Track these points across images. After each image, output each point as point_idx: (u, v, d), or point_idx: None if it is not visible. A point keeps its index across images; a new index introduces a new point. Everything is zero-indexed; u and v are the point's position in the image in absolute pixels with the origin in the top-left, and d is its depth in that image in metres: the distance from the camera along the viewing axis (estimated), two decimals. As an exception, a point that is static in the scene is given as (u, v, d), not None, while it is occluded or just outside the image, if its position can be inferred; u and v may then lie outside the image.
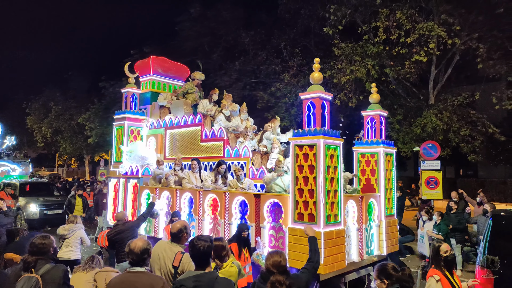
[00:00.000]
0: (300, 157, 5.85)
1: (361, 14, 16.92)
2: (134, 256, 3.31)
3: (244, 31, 23.60)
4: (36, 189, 16.05)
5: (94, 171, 44.09)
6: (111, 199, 10.18)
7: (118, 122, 10.26)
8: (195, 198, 7.63)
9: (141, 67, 10.79)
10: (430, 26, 14.48)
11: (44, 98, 35.97)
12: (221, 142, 8.27)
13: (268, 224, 6.33)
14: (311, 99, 5.94)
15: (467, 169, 29.97)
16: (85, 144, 33.52)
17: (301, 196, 5.79)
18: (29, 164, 21.70)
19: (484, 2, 14.29)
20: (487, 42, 15.10)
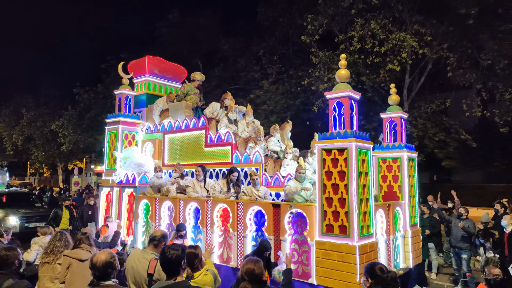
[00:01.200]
0: (328, 162, 5.29)
1: (337, 24, 17.30)
2: (96, 271, 3.09)
3: (224, 38, 23.58)
4: (15, 200, 14.87)
5: (67, 180, 42.35)
6: (102, 210, 9.34)
7: (111, 126, 9.47)
8: (203, 208, 6.95)
9: (136, 67, 10.06)
10: (402, 37, 14.90)
11: (14, 104, 34.43)
12: (229, 147, 7.63)
13: (289, 237, 5.73)
14: (339, 99, 5.41)
15: (442, 174, 30.45)
16: (58, 151, 32.32)
17: (330, 205, 5.22)
18: (6, 173, 20.36)
19: (454, 14, 14.81)
20: (458, 51, 15.72)
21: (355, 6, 15.78)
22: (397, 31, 15.45)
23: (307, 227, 5.54)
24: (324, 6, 16.55)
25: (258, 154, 7.13)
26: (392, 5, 15.66)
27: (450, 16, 15.10)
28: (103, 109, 25.96)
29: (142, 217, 8.23)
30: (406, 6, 15.67)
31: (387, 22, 15.63)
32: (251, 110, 8.45)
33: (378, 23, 15.47)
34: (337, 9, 16.46)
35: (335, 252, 5.05)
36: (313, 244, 5.37)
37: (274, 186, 6.79)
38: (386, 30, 15.57)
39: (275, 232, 5.92)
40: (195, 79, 9.51)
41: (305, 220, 5.56)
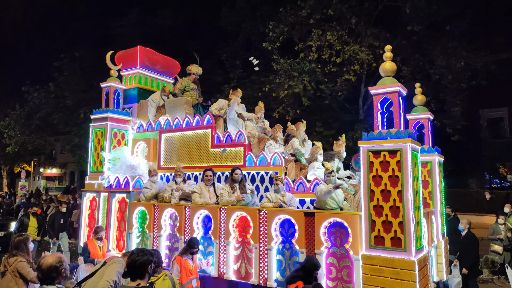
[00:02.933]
0: (376, 165, 4.68)
1: (297, 32, 17.56)
2: (40, 273, 3.02)
3: (188, 39, 23.34)
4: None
5: (12, 184, 39.24)
6: (85, 219, 8.20)
7: (97, 123, 8.37)
8: (215, 217, 6.11)
9: (125, 58, 9.02)
10: (356, 49, 15.56)
11: None
12: (241, 148, 6.84)
13: (326, 250, 5.05)
14: (386, 94, 4.85)
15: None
16: (3, 153, 30.22)
17: (379, 215, 4.60)
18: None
19: (406, 29, 15.59)
20: (410, 64, 16.43)
21: (313, 16, 16.28)
22: (353, 43, 15.96)
23: (349, 239, 4.89)
24: (285, 14, 17.01)
25: (277, 156, 6.40)
26: (349, 17, 16.24)
27: (402, 31, 15.90)
28: (54, 109, 24.34)
29: (137, 227, 7.23)
30: (362, 19, 16.33)
31: (344, 34, 16.23)
32: (262, 107, 7.71)
33: (335, 34, 16.02)
34: (297, 18, 16.88)
35: (388, 268, 4.44)
36: (359, 258, 4.72)
37: (297, 192, 6.10)
38: (342, 41, 16.04)
39: (308, 245, 5.22)
40: (191, 73, 8.63)
41: (346, 231, 4.91)
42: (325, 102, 18.61)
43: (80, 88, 22.61)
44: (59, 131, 27.01)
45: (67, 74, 23.58)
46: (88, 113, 22.72)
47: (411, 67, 16.35)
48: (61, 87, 23.74)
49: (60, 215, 10.53)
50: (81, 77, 22.88)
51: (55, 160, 43.81)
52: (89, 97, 21.97)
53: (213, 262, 6.10)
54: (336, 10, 15.91)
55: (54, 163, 43.83)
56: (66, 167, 42.75)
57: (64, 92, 23.47)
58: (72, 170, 40.50)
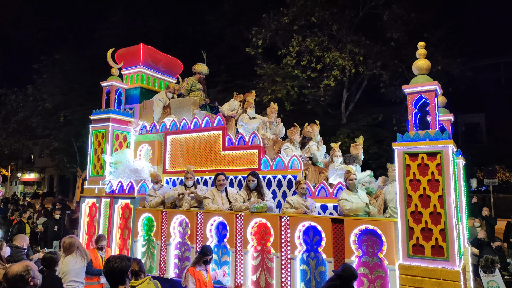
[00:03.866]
0: (414, 169, 4.39)
1: (280, 38, 17.67)
2: (5, 282, 2.82)
3: (172, 43, 22.57)
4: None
5: None
6: (84, 227, 7.69)
7: (97, 124, 7.89)
8: (231, 224, 5.72)
9: (127, 56, 8.56)
10: (336, 56, 15.88)
11: None
12: (255, 151, 6.47)
13: (356, 259, 4.72)
14: (421, 93, 4.57)
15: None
16: None
17: (417, 221, 4.31)
18: None
19: (385, 36, 15.96)
20: (390, 70, 16.81)
21: (297, 22, 16.43)
22: (334, 49, 16.40)
23: (383, 247, 4.58)
24: (268, 20, 17.17)
25: (295, 159, 6.06)
26: (330, 24, 16.49)
27: (381, 37, 16.26)
28: (33, 112, 23.53)
29: (142, 235, 6.77)
30: (343, 26, 16.62)
31: (325, 40, 16.48)
32: (275, 108, 7.37)
33: (315, 41, 16.32)
34: (280, 24, 17.03)
35: (429, 279, 4.14)
36: (395, 268, 4.41)
37: (319, 197, 5.76)
38: (323, 47, 16.40)
39: (336, 254, 4.89)
40: (196, 72, 8.23)
41: (380, 238, 4.60)
42: (308, 107, 18.77)
43: (60, 91, 21.88)
44: (37, 134, 26.10)
45: (47, 77, 22.81)
46: (69, 116, 22.03)
47: (390, 72, 16.74)
48: (40, 90, 22.98)
49: (53, 222, 9.95)
50: (61, 80, 22.12)
51: (33, 165, 42.37)
52: (69, 100, 21.28)
53: (229, 272, 5.70)
54: (319, 17, 16.18)
55: (32, 167, 42.41)
56: (44, 172, 41.37)
57: (43, 95, 22.71)
58: (51, 175, 39.22)
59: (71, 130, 21.62)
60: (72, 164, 24.06)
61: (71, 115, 21.38)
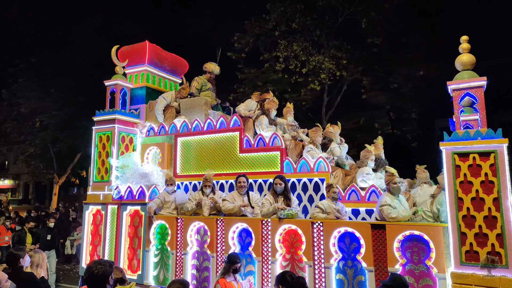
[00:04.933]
0: (464, 170, 4.12)
1: (263, 43, 17.74)
2: None
3: None
4: None
5: None
6: (88, 236, 7.15)
7: (101, 126, 7.39)
8: (257, 230, 5.34)
9: (132, 54, 8.09)
10: (321, 59, 16.01)
11: None
12: (277, 153, 6.11)
13: (400, 268, 4.41)
14: (468, 90, 4.32)
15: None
16: None
17: (470, 226, 4.03)
18: None
19: (366, 41, 16.19)
20: (370, 75, 17.01)
21: (278, 28, 16.59)
22: (316, 54, 16.46)
23: (430, 254, 4.28)
24: (250, 26, 17.22)
25: (322, 161, 5.73)
26: (311, 30, 16.64)
27: (362, 43, 16.45)
28: (7, 117, 22.56)
29: (155, 244, 6.31)
30: (324, 32, 16.82)
31: (308, 45, 16.52)
32: (292, 109, 7.05)
33: (300, 46, 16.45)
34: (262, 30, 17.11)
35: (486, 288, 3.85)
36: (445, 277, 4.12)
37: (349, 201, 5.44)
38: (307, 52, 16.45)
39: (377, 262, 4.56)
40: (207, 71, 7.84)
41: (427, 245, 4.31)
42: None
43: (36, 96, 21.02)
44: (12, 140, 24.93)
45: (22, 81, 21.90)
46: (45, 121, 21.19)
47: (371, 77, 16.96)
48: (15, 94, 22.02)
49: (46, 231, 9.30)
50: (37, 84, 21.27)
51: (7, 171, 40.69)
52: (45, 104, 20.49)
53: (254, 282, 5.31)
54: (300, 23, 16.34)
55: (7, 174, 40.74)
56: (19, 179, 39.78)
57: (19, 99, 21.79)
58: (26, 181, 37.75)
59: (48, 136, 20.79)
60: (48, 171, 23.15)
61: (48, 120, 20.62)
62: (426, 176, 5.49)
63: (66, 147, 20.91)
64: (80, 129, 19.86)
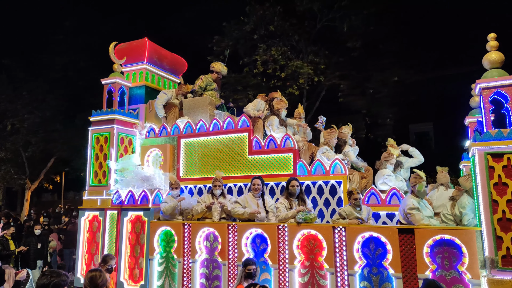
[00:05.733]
0: (499, 171, 3.97)
1: (242, 47, 17.71)
2: None
3: None
4: None
5: None
6: (83, 244, 6.70)
7: (98, 126, 6.96)
8: (273, 236, 5.06)
9: (130, 51, 7.69)
10: (300, 64, 16.11)
11: None
12: (290, 154, 5.85)
13: (430, 274, 4.21)
14: (499, 88, 4.18)
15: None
16: None
17: (506, 230, 3.87)
18: None
19: (344, 46, 16.40)
20: (348, 80, 17.18)
21: (257, 32, 16.52)
22: (295, 59, 16.52)
23: (463, 259, 4.10)
24: (230, 29, 17.17)
25: (338, 163, 5.50)
26: (290, 34, 16.70)
27: (340, 48, 16.64)
28: None
29: (159, 252, 5.92)
30: (303, 37, 16.92)
31: (286, 50, 16.57)
32: (302, 111, 6.83)
33: (278, 50, 16.44)
34: (242, 33, 17.03)
35: (525, 294, 3.69)
36: (480, 283, 3.95)
37: (368, 204, 5.21)
38: (286, 57, 16.51)
39: (405, 268, 4.35)
40: (214, 71, 7.55)
41: (459, 250, 4.13)
42: None
43: (6, 98, 20.13)
44: None
45: None
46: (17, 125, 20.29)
47: (348, 82, 17.14)
48: None
49: (36, 239, 8.72)
50: (7, 87, 20.38)
51: None
52: (16, 107, 19.64)
53: (270, 291, 5.02)
54: (278, 26, 16.31)
55: None
56: None
57: None
58: None
59: (19, 139, 19.88)
60: (20, 176, 22.11)
61: (19, 124, 19.75)
62: (447, 178, 5.35)
63: (39, 151, 19.97)
64: (54, 133, 19.11)
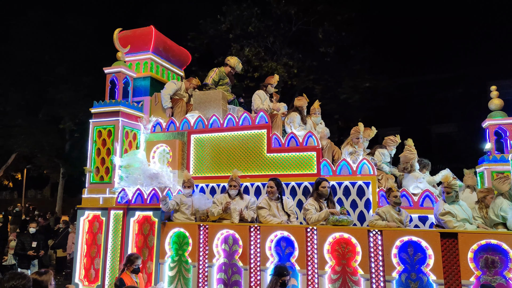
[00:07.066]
0: (549, 174, 3.84)
1: (217, 46, 17.64)
2: None
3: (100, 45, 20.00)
4: None
5: None
6: (82, 246, 6.16)
7: (101, 119, 6.43)
8: (300, 239, 4.76)
9: (134, 39, 7.18)
10: (274, 66, 16.16)
11: None
12: (313, 153, 5.57)
13: (475, 280, 4.04)
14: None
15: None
16: None
17: (558, 234, 3.74)
18: None
19: (318, 51, 16.68)
20: (320, 84, 17.47)
21: (233, 31, 16.45)
22: (269, 60, 16.52)
23: (510, 265, 3.94)
24: (205, 27, 17.03)
25: (366, 163, 5.27)
26: (266, 36, 16.72)
27: (314, 52, 16.85)
28: None
29: (171, 255, 5.49)
30: (278, 39, 16.98)
31: (261, 51, 16.53)
32: (319, 108, 6.56)
33: (253, 51, 16.35)
34: (217, 32, 16.98)
35: None
36: (531, 290, 3.80)
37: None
38: (260, 58, 16.46)
39: (447, 274, 4.16)
40: (229, 65, 7.16)
41: (505, 255, 3.97)
42: None
43: None
44: None
45: None
46: None
47: (321, 86, 17.29)
48: None
49: (31, 238, 7.99)
50: None
51: None
52: None
53: (294, 298, 4.71)
54: (255, 27, 16.25)
55: None
56: None
57: None
58: None
59: None
60: None
61: None
62: (474, 181, 5.23)
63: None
64: (15, 128, 18.13)
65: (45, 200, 28.78)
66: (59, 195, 21.61)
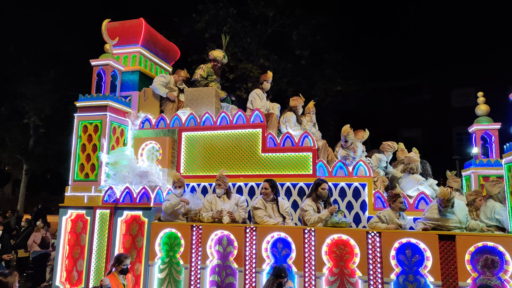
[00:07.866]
0: (544, 178, 3.96)
1: (192, 45, 17.54)
2: None
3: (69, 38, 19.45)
4: None
5: None
6: (64, 246, 5.84)
7: (87, 113, 6.12)
8: (298, 241, 4.70)
9: (123, 31, 6.88)
10: (250, 67, 16.27)
11: None
12: (309, 153, 5.52)
13: (471, 282, 4.11)
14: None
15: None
16: None
17: (552, 237, 3.86)
18: None
19: (292, 53, 16.91)
20: (294, 86, 17.67)
21: (208, 31, 16.37)
22: (245, 61, 16.59)
23: (505, 267, 4.04)
24: (180, 25, 16.93)
25: (362, 164, 5.28)
26: (242, 36, 16.79)
27: (288, 55, 17.09)
28: None
29: (161, 256, 5.29)
30: (254, 40, 17.08)
31: (237, 51, 16.58)
32: (313, 108, 6.53)
33: (229, 51, 16.48)
34: (192, 31, 16.90)
35: None
36: (525, 291, 3.90)
37: (394, 209, 5.05)
38: (236, 58, 16.50)
39: (444, 276, 4.21)
40: (211, 59, 6.98)
41: (501, 257, 4.06)
42: None
43: None
44: None
45: None
46: None
47: (295, 88, 17.39)
48: None
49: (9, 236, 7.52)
50: None
51: None
52: None
53: (295, 301, 4.64)
54: (231, 28, 16.18)
55: None
56: None
57: None
58: None
59: None
60: None
61: None
62: (458, 184, 5.36)
63: None
64: None
65: (5, 198, 27.41)
66: (22, 192, 20.56)
